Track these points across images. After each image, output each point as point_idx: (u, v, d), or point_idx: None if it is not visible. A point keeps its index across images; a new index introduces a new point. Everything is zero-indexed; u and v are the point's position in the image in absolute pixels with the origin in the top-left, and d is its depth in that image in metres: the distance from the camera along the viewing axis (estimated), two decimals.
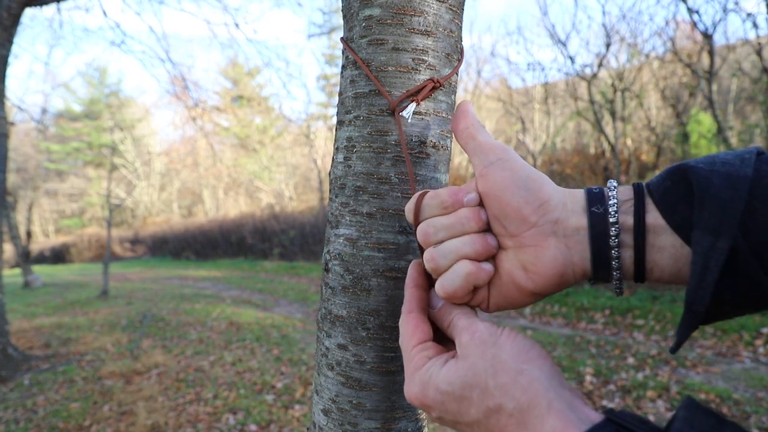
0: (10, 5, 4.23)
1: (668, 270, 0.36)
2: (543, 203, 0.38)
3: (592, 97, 9.57)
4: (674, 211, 0.36)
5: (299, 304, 7.59)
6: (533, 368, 0.35)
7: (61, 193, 28.96)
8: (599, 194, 0.38)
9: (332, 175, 0.55)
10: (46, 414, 3.48)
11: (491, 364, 0.36)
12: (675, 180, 0.36)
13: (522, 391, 0.34)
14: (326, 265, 0.55)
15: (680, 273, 0.36)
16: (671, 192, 0.36)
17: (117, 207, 16.41)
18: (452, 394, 0.37)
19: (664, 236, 0.36)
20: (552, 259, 0.38)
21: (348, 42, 0.53)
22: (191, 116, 9.58)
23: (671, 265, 0.36)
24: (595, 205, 0.38)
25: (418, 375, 0.39)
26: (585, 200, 0.38)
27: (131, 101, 28.77)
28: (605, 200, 0.38)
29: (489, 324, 0.39)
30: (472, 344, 0.38)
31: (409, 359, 0.41)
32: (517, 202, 0.39)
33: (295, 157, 24.23)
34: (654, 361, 3.89)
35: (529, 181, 0.39)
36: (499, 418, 0.34)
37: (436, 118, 0.52)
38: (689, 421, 0.26)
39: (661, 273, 0.37)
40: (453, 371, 0.37)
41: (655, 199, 0.37)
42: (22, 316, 7.20)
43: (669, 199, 0.36)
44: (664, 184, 0.37)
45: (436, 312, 0.44)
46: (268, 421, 3.23)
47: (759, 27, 6.53)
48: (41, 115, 15.30)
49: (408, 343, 0.42)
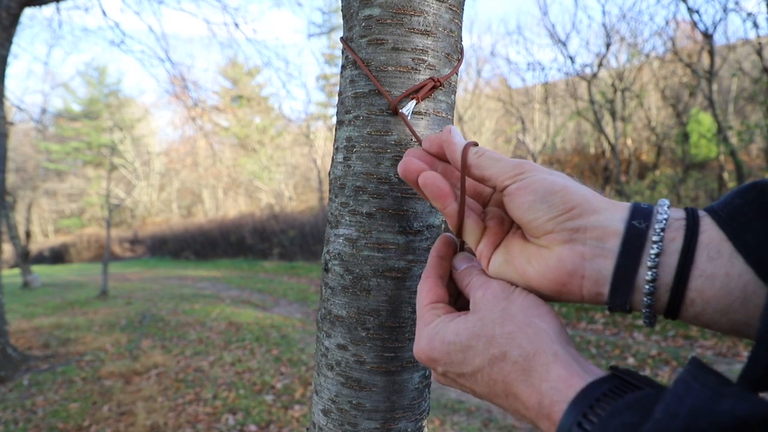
0: (10, 5, 4.23)
1: (714, 303, 0.31)
2: (566, 212, 0.36)
3: (592, 97, 9.58)
4: (746, 231, 0.31)
5: (299, 304, 7.58)
6: (541, 322, 0.35)
7: (61, 193, 28.94)
8: (647, 210, 0.34)
9: (332, 175, 0.55)
10: (45, 414, 3.48)
11: (500, 315, 0.36)
12: (749, 198, 0.32)
13: (528, 339, 0.34)
14: (326, 265, 0.55)
15: (730, 308, 0.31)
16: (743, 211, 0.32)
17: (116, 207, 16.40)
18: (458, 344, 0.36)
19: (720, 261, 0.31)
20: (556, 265, 0.36)
21: (348, 42, 0.52)
22: (191, 116, 9.57)
23: (721, 297, 0.31)
24: (638, 219, 0.34)
25: (426, 330, 0.40)
26: (628, 212, 0.35)
27: (131, 101, 28.76)
28: (652, 216, 0.34)
29: (503, 282, 0.40)
30: (485, 299, 0.38)
31: (420, 317, 0.42)
32: (535, 217, 0.37)
33: (294, 157, 24.23)
34: (654, 362, 3.89)
35: (549, 194, 0.36)
36: (503, 366, 0.34)
37: (436, 118, 0.52)
38: (693, 374, 0.25)
39: (705, 306, 0.32)
40: (462, 323, 0.37)
41: (719, 219, 0.32)
42: (21, 317, 7.19)
43: (740, 219, 0.32)
44: (734, 202, 0.33)
45: (458, 273, 0.44)
46: (267, 422, 3.23)
47: (759, 27, 6.53)
48: (40, 115, 15.30)
49: (421, 303, 0.43)
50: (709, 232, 0.32)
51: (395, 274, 0.51)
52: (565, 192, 0.36)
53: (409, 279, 0.51)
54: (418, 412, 0.54)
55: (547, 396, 0.31)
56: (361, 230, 0.51)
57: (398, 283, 0.51)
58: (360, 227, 0.51)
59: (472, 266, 0.44)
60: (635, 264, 0.33)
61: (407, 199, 0.51)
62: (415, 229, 0.51)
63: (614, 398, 0.28)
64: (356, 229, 0.51)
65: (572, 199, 0.36)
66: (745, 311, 0.31)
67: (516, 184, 0.38)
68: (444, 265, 0.45)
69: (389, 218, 0.50)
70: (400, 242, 0.51)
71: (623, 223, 0.34)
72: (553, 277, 0.36)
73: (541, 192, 0.37)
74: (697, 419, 0.23)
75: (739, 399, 0.23)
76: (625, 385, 0.30)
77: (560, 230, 0.36)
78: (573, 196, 0.36)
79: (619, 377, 0.30)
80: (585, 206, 0.36)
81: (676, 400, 0.24)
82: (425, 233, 0.52)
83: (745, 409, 0.22)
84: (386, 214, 0.50)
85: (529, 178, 0.38)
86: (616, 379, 0.30)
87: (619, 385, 0.30)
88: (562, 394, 0.31)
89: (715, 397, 0.23)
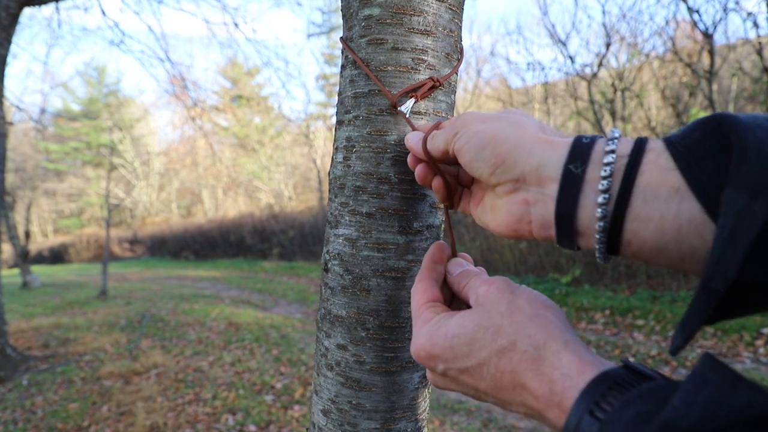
0: (9, 5, 4.23)
1: (650, 243, 0.31)
2: (500, 164, 0.36)
3: (592, 97, 9.59)
4: (701, 168, 0.29)
5: (298, 305, 7.58)
6: (549, 313, 0.35)
7: (60, 193, 28.93)
8: (585, 147, 0.33)
9: (332, 175, 0.55)
10: (44, 414, 3.48)
11: (507, 307, 0.36)
12: (707, 132, 0.30)
13: (537, 329, 0.34)
14: (326, 265, 0.55)
15: (665, 248, 0.30)
16: (699, 145, 0.30)
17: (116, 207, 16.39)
18: (464, 336, 0.36)
19: (656, 204, 0.30)
20: (506, 213, 0.37)
21: (347, 41, 0.52)
22: (190, 116, 9.57)
23: (656, 238, 0.30)
24: (574, 162, 0.33)
25: (427, 326, 0.39)
26: (566, 153, 0.34)
27: (130, 101, 28.74)
28: (589, 156, 0.33)
29: (507, 279, 0.40)
30: (489, 293, 0.38)
31: (417, 316, 0.41)
32: (479, 174, 0.38)
33: (294, 156, 24.22)
34: (654, 362, 3.89)
35: (480, 150, 0.37)
36: (511, 357, 0.33)
37: (436, 118, 0.52)
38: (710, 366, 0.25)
39: (641, 246, 0.31)
40: (467, 316, 0.37)
41: (675, 151, 0.31)
42: (20, 317, 7.19)
43: (695, 153, 0.30)
44: (692, 135, 0.31)
45: (453, 277, 0.44)
46: (267, 422, 3.23)
47: (759, 26, 6.53)
48: (40, 115, 15.29)
49: (417, 303, 0.42)
50: (649, 173, 0.30)
51: (395, 274, 0.51)
52: (493, 144, 0.37)
53: (409, 279, 0.51)
54: (418, 412, 0.54)
55: (559, 383, 0.31)
56: (360, 230, 0.51)
57: (398, 283, 0.51)
58: (360, 227, 0.51)
59: (468, 270, 0.44)
60: (573, 209, 0.33)
61: (407, 199, 0.51)
62: (415, 229, 0.51)
63: (627, 388, 0.28)
64: (356, 229, 0.51)
65: (501, 150, 0.36)
66: (678, 250, 0.30)
67: (455, 146, 0.40)
68: (438, 270, 0.45)
69: (389, 218, 0.50)
70: (400, 242, 0.51)
71: (560, 167, 0.33)
72: (504, 223, 0.38)
73: (473, 149, 0.38)
74: (714, 409, 0.23)
75: (756, 392, 0.23)
76: (638, 375, 0.29)
77: (504, 182, 0.37)
78: (502, 147, 0.36)
79: (631, 368, 0.30)
80: (516, 154, 0.35)
81: (693, 390, 0.24)
82: (425, 233, 0.52)
83: (761, 402, 0.22)
84: (386, 214, 0.50)
85: (463, 136, 0.39)
86: (628, 370, 0.30)
87: (632, 375, 0.29)
88: (573, 381, 0.30)
89: (731, 390, 0.23)
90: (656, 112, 12.66)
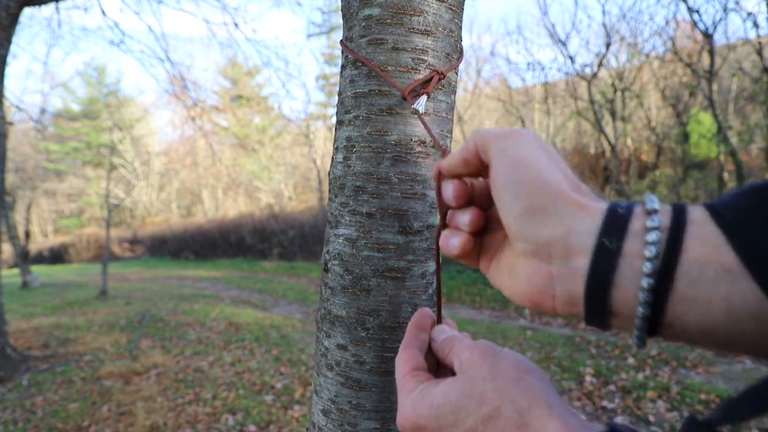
0: (9, 4, 4.23)
1: (694, 326, 0.28)
2: (534, 212, 0.32)
3: (592, 97, 9.58)
4: (755, 242, 0.26)
5: (298, 305, 7.58)
6: (533, 378, 0.34)
7: (60, 193, 28.93)
8: (622, 220, 0.29)
9: (332, 175, 0.55)
10: (44, 414, 3.48)
11: (490, 372, 0.35)
12: (758, 200, 0.27)
13: (521, 394, 0.33)
14: (326, 265, 0.55)
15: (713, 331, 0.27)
16: (750, 215, 0.26)
17: (116, 207, 16.39)
18: (449, 406, 0.35)
19: (703, 284, 0.27)
20: (526, 281, 0.33)
21: (348, 41, 0.52)
22: (190, 116, 9.57)
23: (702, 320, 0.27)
24: (609, 235, 0.29)
25: (411, 397, 0.38)
26: (600, 222, 0.29)
27: (130, 101, 28.74)
28: (626, 230, 0.29)
29: (489, 342, 0.39)
30: (472, 359, 0.37)
31: (402, 386, 0.40)
32: (502, 199, 0.33)
33: (294, 157, 24.23)
34: (654, 362, 3.89)
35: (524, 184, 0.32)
36: (496, 423, 0.33)
37: (436, 118, 0.52)
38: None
39: (684, 329, 0.28)
40: (450, 385, 0.36)
41: (723, 223, 0.27)
42: (20, 317, 7.19)
43: (747, 225, 0.26)
44: (739, 204, 0.27)
45: (437, 344, 0.43)
46: (267, 422, 3.23)
47: (759, 26, 6.53)
48: (40, 115, 15.29)
49: (401, 372, 0.41)
50: (694, 249, 0.27)
51: (395, 274, 0.51)
52: (537, 183, 0.32)
53: (408, 279, 0.51)
54: None
55: None
56: (360, 230, 0.51)
57: (398, 283, 0.51)
58: (360, 227, 0.51)
59: (452, 336, 0.43)
60: (606, 288, 0.29)
61: (407, 199, 0.50)
62: (415, 229, 0.51)
63: None
64: (356, 229, 0.51)
65: (541, 194, 0.31)
66: (727, 334, 0.27)
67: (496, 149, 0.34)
68: (422, 338, 0.44)
69: (389, 218, 0.50)
70: (400, 242, 0.51)
71: (591, 239, 0.29)
72: (524, 293, 0.34)
73: (515, 172, 0.32)
74: None
75: None
76: None
77: (524, 239, 0.32)
78: (543, 191, 0.31)
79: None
80: (552, 210, 0.31)
81: None
82: (425, 233, 0.52)
83: None
84: (386, 214, 0.50)
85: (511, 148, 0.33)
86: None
87: None
88: None
89: None
90: (656, 112, 12.66)
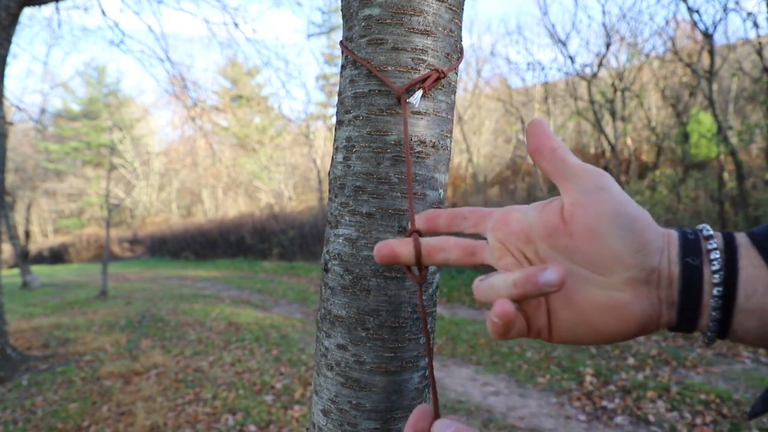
0: (9, 4, 4.23)
1: (753, 332, 0.32)
2: (642, 248, 0.34)
3: (592, 97, 9.58)
4: None
5: (298, 305, 7.59)
6: None
7: (60, 193, 28.92)
8: (694, 242, 0.34)
9: (331, 175, 0.55)
10: (44, 414, 3.48)
11: None
12: None
13: None
14: (326, 265, 0.55)
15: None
16: None
17: (116, 207, 16.39)
18: None
19: (756, 298, 0.32)
20: (640, 311, 0.34)
21: (347, 41, 0.52)
22: (190, 116, 9.57)
23: (758, 327, 0.32)
24: (691, 255, 0.33)
25: None
26: (678, 246, 0.34)
27: (130, 101, 28.74)
28: (701, 250, 0.33)
29: None
30: None
31: None
32: (616, 243, 0.34)
33: (294, 157, 24.24)
34: (654, 362, 3.89)
35: (633, 220, 0.34)
36: None
37: (436, 118, 0.52)
38: None
39: (745, 335, 0.33)
40: None
41: (762, 250, 0.32)
42: (20, 317, 7.19)
43: None
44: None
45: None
46: (267, 422, 3.23)
47: (759, 26, 6.53)
48: (40, 115, 15.29)
49: None
50: (746, 269, 0.32)
51: (395, 274, 0.51)
52: (645, 222, 0.34)
53: (408, 279, 0.51)
54: None
55: None
56: (360, 230, 0.51)
57: (398, 283, 0.51)
58: (360, 227, 0.51)
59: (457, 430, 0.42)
60: (697, 305, 0.33)
61: (407, 199, 0.51)
62: None
63: None
64: (356, 229, 0.51)
65: (648, 233, 0.34)
66: None
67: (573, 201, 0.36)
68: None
69: (389, 218, 0.50)
70: None
71: (678, 261, 0.33)
72: (636, 324, 0.35)
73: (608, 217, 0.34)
74: None
75: None
76: None
77: (638, 270, 0.34)
78: (649, 230, 0.34)
79: None
80: (655, 244, 0.34)
81: None
82: (425, 233, 0.52)
83: None
84: (386, 214, 0.50)
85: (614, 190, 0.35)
86: None
87: None
88: None
89: None
90: (656, 112, 12.66)
